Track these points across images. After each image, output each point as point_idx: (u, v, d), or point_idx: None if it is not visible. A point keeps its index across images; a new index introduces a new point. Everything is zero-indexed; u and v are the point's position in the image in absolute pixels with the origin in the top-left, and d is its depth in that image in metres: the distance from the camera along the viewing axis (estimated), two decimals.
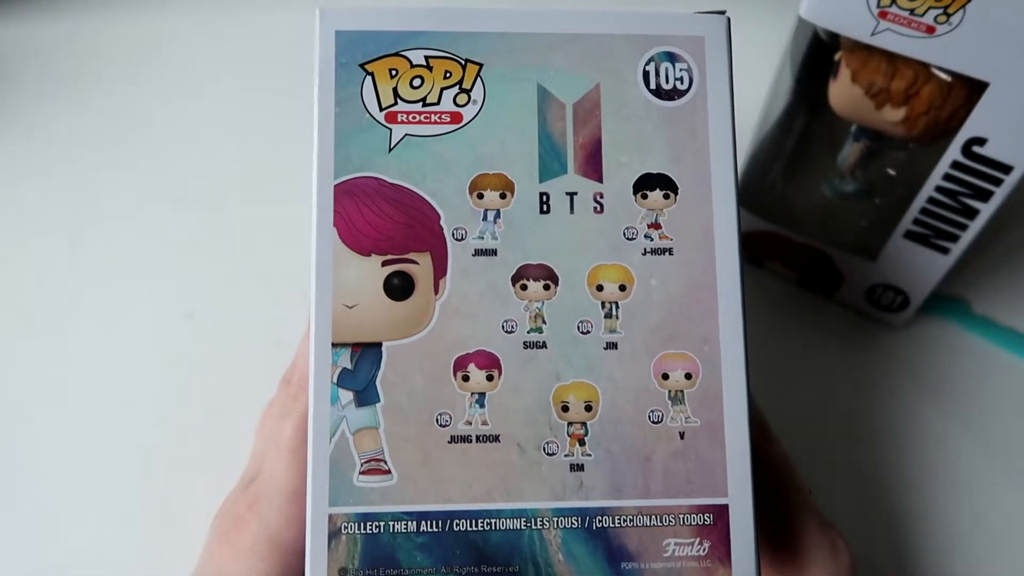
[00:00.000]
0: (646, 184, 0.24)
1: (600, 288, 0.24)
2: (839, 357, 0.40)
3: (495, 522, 0.23)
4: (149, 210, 0.42)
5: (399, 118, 0.24)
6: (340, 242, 0.24)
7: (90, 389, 0.37)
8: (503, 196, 0.24)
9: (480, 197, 0.24)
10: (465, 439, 0.23)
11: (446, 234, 0.24)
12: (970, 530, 0.36)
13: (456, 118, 0.24)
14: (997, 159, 0.30)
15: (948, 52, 0.28)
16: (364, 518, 0.23)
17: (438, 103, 0.24)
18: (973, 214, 0.33)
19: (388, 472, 0.23)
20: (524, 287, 0.24)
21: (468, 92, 0.24)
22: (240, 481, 0.30)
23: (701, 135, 0.24)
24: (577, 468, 0.23)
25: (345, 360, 0.23)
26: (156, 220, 0.41)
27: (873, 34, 0.29)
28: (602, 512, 0.23)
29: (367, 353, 0.23)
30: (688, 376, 0.24)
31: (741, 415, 0.24)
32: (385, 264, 0.24)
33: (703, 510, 0.23)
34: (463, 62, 0.24)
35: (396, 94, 0.24)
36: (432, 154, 0.24)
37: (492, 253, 0.24)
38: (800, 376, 0.39)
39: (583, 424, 0.23)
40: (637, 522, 0.23)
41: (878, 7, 0.29)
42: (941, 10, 0.28)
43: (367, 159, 0.24)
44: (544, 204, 0.24)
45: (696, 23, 0.25)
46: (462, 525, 0.23)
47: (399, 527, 0.23)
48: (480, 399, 0.23)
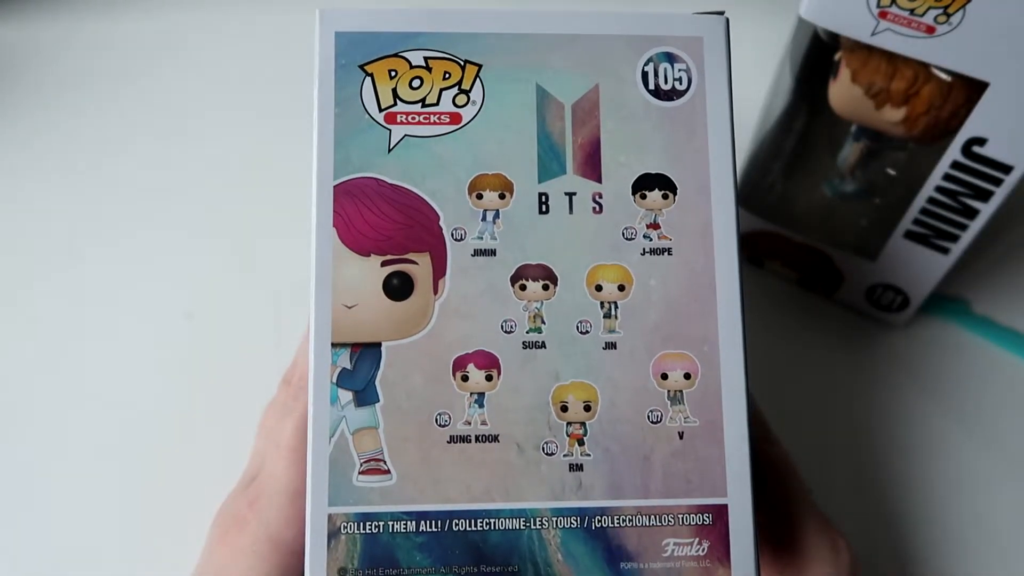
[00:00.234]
0: (645, 184, 0.24)
1: (599, 288, 0.24)
2: (839, 357, 0.40)
3: (494, 522, 0.23)
4: (149, 210, 0.42)
5: (398, 119, 0.24)
6: (340, 242, 0.24)
7: (90, 389, 0.37)
8: (502, 196, 0.24)
9: (479, 197, 0.24)
10: (464, 439, 0.23)
11: (445, 234, 0.24)
12: (970, 530, 0.36)
13: (455, 119, 0.24)
14: (997, 159, 0.30)
15: (948, 52, 0.28)
16: (363, 518, 0.23)
17: (437, 104, 0.24)
18: (973, 214, 0.33)
19: (387, 472, 0.23)
20: (523, 287, 0.24)
21: (467, 93, 0.24)
22: (240, 481, 0.30)
23: (700, 135, 0.24)
24: (576, 468, 0.23)
25: (344, 360, 0.23)
26: (156, 220, 0.41)
27: (873, 34, 0.29)
28: (601, 512, 0.23)
29: (366, 353, 0.23)
30: (687, 376, 0.24)
31: (740, 415, 0.24)
32: (384, 264, 0.24)
33: (702, 510, 0.23)
34: (462, 63, 0.24)
35: (395, 95, 0.24)
36: (431, 155, 0.24)
37: (491, 253, 0.24)
38: (800, 376, 0.39)
39: (582, 424, 0.23)
40: (636, 522, 0.23)
41: (878, 7, 0.29)
42: (941, 10, 0.28)
43: (366, 160, 0.24)
44: (543, 204, 0.24)
45: (695, 24, 0.25)
46: (461, 525, 0.23)
47: (398, 527, 0.23)
48: (479, 399, 0.23)
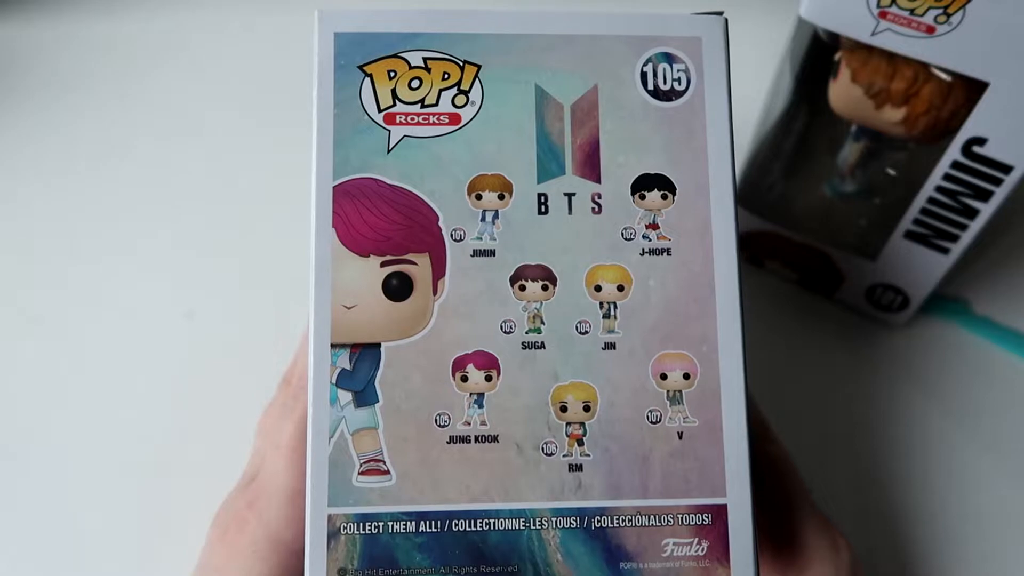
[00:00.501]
0: (644, 184, 0.24)
1: (598, 288, 0.24)
2: (839, 357, 0.40)
3: (494, 522, 0.23)
4: (149, 210, 0.42)
5: (398, 119, 0.24)
6: (339, 243, 0.24)
7: (90, 389, 0.37)
8: (501, 197, 0.24)
9: (478, 198, 0.24)
10: (464, 439, 0.23)
11: (445, 235, 0.24)
12: (970, 530, 0.36)
13: (454, 119, 0.24)
14: (997, 159, 0.30)
15: (948, 52, 0.28)
16: (363, 518, 0.23)
17: (436, 104, 0.24)
18: (973, 214, 0.33)
19: (387, 472, 0.23)
20: (522, 287, 0.24)
21: (466, 93, 0.24)
22: (240, 481, 0.30)
23: (699, 136, 0.24)
24: (575, 468, 0.23)
25: (344, 361, 0.23)
26: (156, 220, 0.41)
27: (873, 34, 0.29)
28: (601, 512, 0.23)
29: (366, 354, 0.23)
30: (686, 376, 0.24)
31: (739, 415, 0.24)
32: (384, 265, 0.24)
33: (702, 510, 0.23)
34: (461, 63, 0.24)
35: (395, 95, 0.24)
36: (430, 155, 0.24)
37: (490, 254, 0.24)
38: (800, 376, 0.39)
39: (581, 424, 0.23)
40: (636, 522, 0.23)
41: (878, 7, 0.29)
42: (941, 10, 0.28)
43: (366, 160, 0.24)
44: (542, 205, 0.24)
45: (693, 24, 0.25)
46: (461, 525, 0.23)
47: (398, 527, 0.23)
48: (479, 399, 0.23)
